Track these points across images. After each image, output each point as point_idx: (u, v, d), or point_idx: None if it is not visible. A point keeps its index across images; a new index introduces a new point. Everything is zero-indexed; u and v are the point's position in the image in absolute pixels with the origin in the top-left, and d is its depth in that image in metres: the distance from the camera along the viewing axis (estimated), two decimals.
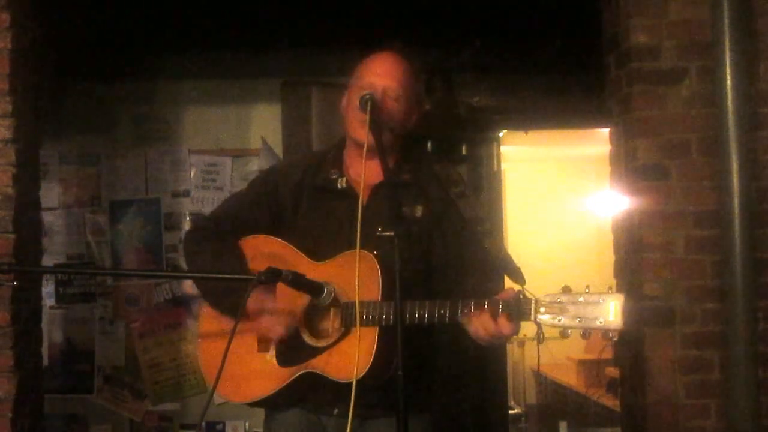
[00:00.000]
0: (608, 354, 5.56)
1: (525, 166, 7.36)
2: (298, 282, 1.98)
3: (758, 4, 2.96)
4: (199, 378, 4.25)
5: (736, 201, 2.85)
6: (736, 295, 2.86)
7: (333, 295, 2.02)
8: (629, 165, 3.07)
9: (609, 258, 3.30)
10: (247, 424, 4.28)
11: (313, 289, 2.02)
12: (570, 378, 6.34)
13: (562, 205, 7.44)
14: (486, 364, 4.41)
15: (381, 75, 2.15)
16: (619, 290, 1.86)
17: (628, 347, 3.18)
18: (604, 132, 3.40)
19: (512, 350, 6.90)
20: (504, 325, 1.89)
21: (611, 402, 5.31)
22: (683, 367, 2.97)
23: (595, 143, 5.46)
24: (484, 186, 4.57)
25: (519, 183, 7.26)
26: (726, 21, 2.86)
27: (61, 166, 4.35)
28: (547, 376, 6.99)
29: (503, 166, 4.91)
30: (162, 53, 4.15)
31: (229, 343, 1.87)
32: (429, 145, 4.27)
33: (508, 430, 4.90)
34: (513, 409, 6.61)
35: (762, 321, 2.92)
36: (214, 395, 1.98)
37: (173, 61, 4.24)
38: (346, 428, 1.87)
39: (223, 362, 1.87)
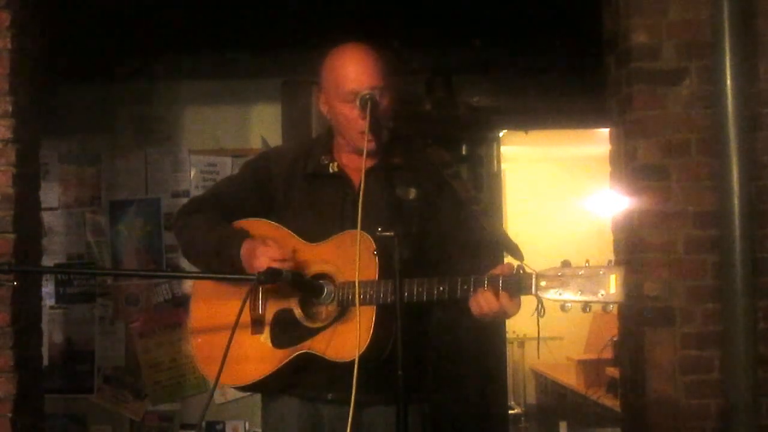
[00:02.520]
0: (608, 354, 5.56)
1: (525, 166, 7.36)
2: (298, 282, 1.98)
3: (758, 4, 2.96)
4: (199, 378, 4.25)
5: (736, 201, 2.85)
6: (736, 295, 2.86)
7: (333, 295, 2.02)
8: (629, 165, 3.07)
9: (609, 258, 3.29)
10: (247, 424, 4.28)
11: (314, 289, 2.02)
12: (570, 378, 6.34)
13: (562, 205, 7.45)
14: (486, 363, 4.41)
15: (358, 79, 2.07)
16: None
17: (628, 347, 3.18)
18: (604, 132, 3.40)
19: (512, 350, 6.90)
20: (506, 302, 1.89)
21: (611, 402, 5.31)
22: (683, 367, 2.96)
23: (595, 143, 5.46)
24: (484, 186, 4.57)
25: (519, 183, 7.27)
26: (726, 21, 2.86)
27: (61, 166, 4.35)
28: (547, 376, 6.99)
29: (503, 166, 4.91)
30: (162, 53, 4.15)
31: (230, 339, 1.87)
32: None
33: (508, 430, 4.91)
34: (513, 409, 6.63)
35: (762, 321, 2.91)
36: (214, 395, 1.98)
37: (173, 61, 4.24)
38: (341, 415, 1.87)
39: (224, 359, 1.86)
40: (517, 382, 7.22)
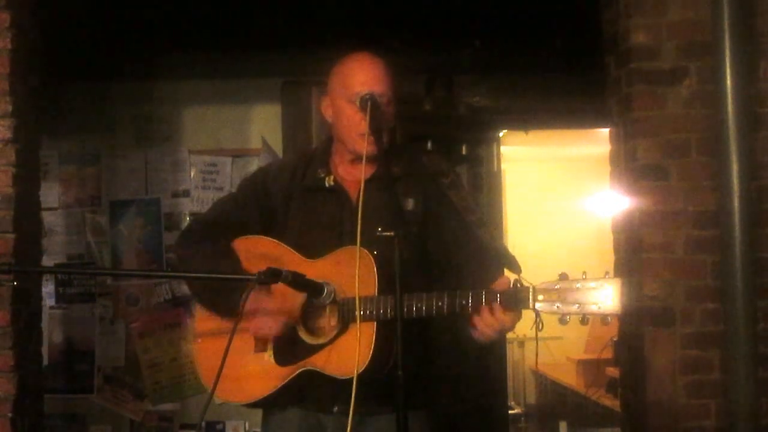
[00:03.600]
0: (608, 354, 5.56)
1: (525, 166, 7.36)
2: (298, 282, 1.98)
3: (758, 4, 2.96)
4: (199, 378, 4.25)
5: (736, 201, 2.85)
6: (736, 295, 2.85)
7: (333, 294, 2.02)
8: (629, 165, 3.07)
9: (609, 258, 3.30)
10: (247, 424, 4.28)
11: (314, 288, 2.02)
12: (570, 378, 6.34)
13: (562, 205, 7.45)
14: (486, 364, 4.41)
15: (368, 83, 2.11)
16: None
17: (628, 347, 3.18)
18: (604, 132, 3.40)
19: (512, 350, 6.90)
20: (503, 317, 1.90)
21: (611, 402, 5.31)
22: (683, 367, 2.96)
23: (595, 143, 5.46)
24: (484, 186, 4.57)
25: (519, 183, 7.27)
26: (726, 21, 2.86)
27: (61, 166, 4.35)
28: (547, 376, 6.99)
29: (503, 166, 4.91)
30: (162, 53, 4.14)
31: (227, 348, 1.87)
32: (429, 144, 4.28)
33: (508, 430, 4.91)
34: (513, 409, 6.63)
35: (762, 321, 2.91)
36: (215, 396, 1.98)
37: (173, 61, 4.23)
38: (346, 426, 1.88)
39: (221, 366, 1.87)
40: (517, 382, 7.22)
